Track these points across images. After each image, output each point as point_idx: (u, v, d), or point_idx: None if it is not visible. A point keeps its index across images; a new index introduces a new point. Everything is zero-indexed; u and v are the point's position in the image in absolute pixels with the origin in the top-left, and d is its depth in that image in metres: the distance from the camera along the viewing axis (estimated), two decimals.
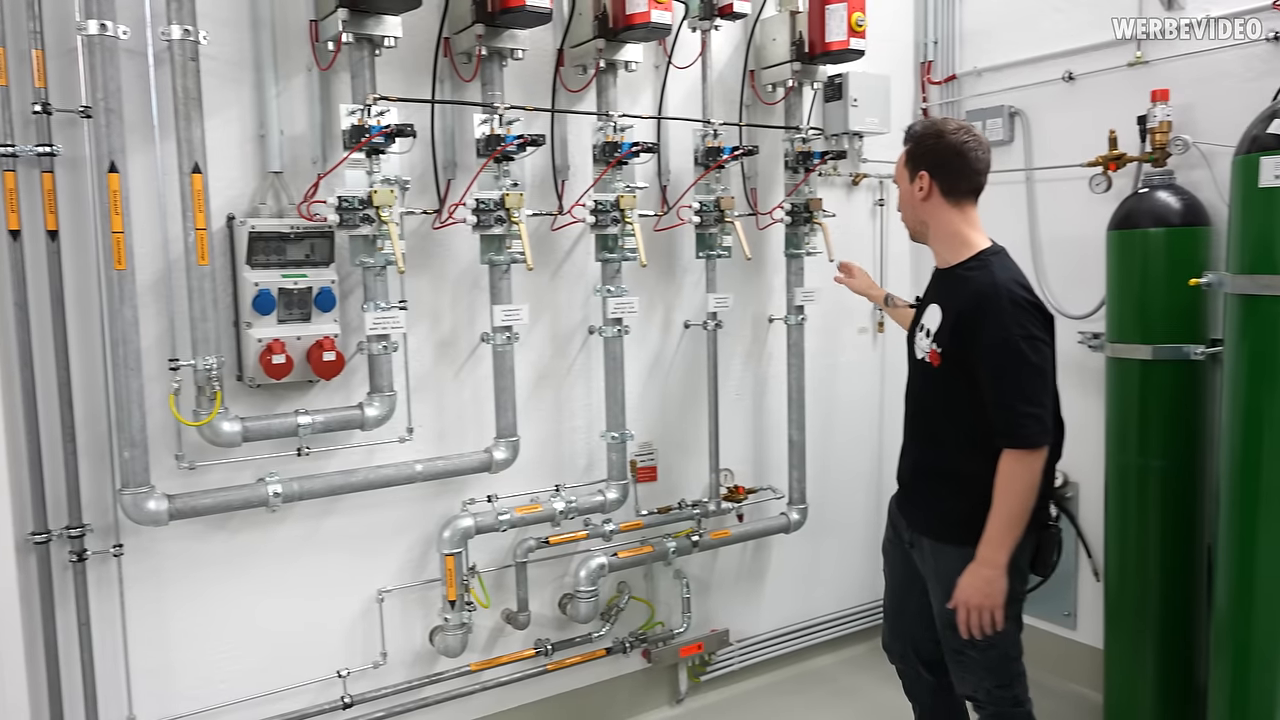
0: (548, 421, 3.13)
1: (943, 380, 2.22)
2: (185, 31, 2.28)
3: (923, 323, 2.31)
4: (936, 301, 2.27)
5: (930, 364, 2.23)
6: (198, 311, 2.37)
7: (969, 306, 2.14)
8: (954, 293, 2.22)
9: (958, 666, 2.33)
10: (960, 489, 2.22)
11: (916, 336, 2.34)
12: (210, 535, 2.58)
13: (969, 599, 2.13)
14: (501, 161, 2.73)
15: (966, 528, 2.19)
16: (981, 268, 2.19)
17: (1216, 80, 2.97)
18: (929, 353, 2.24)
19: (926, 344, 2.26)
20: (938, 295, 2.29)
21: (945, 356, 2.19)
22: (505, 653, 3.08)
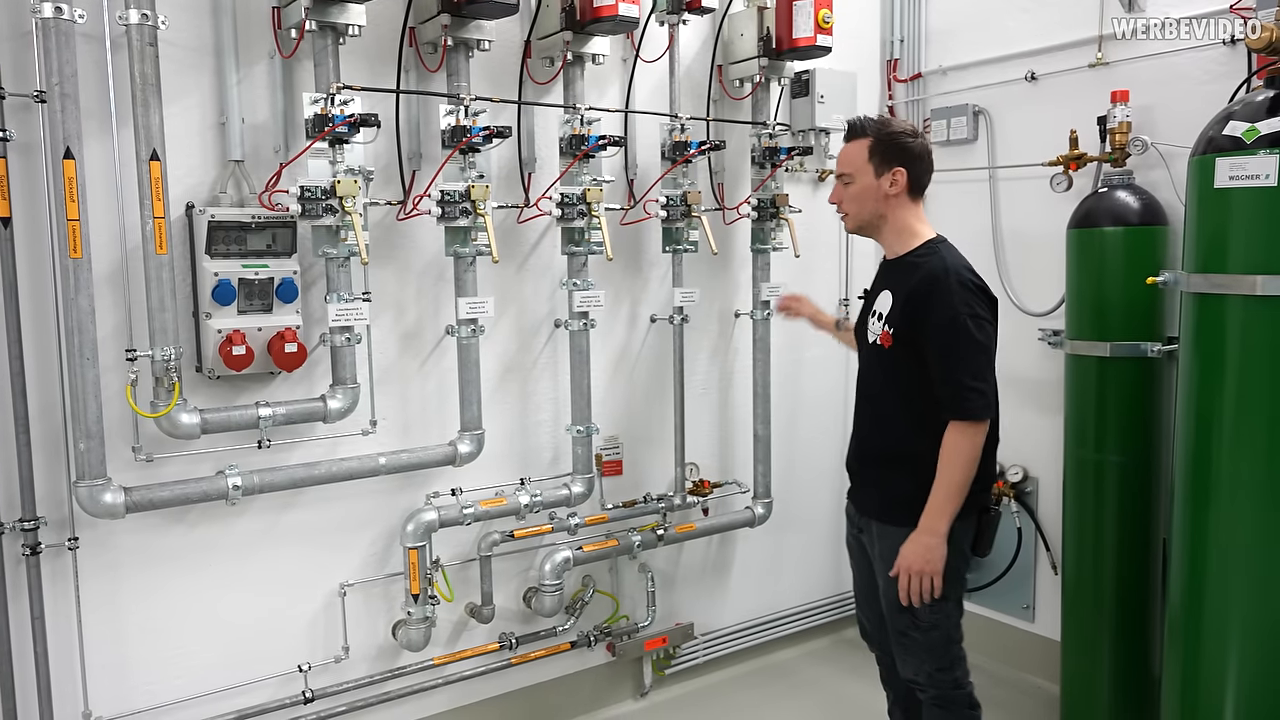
0: (513, 415, 3.12)
1: (892, 361, 2.30)
2: (144, 16, 2.24)
3: (875, 308, 2.37)
4: (887, 287, 2.34)
5: (881, 346, 2.31)
6: (156, 301, 2.33)
7: (920, 288, 2.25)
8: (905, 278, 2.30)
9: (901, 649, 2.38)
10: (908, 469, 2.28)
11: (869, 322, 2.40)
12: (168, 528, 2.55)
13: (910, 565, 2.22)
14: (467, 153, 2.72)
15: (911, 509, 2.25)
16: (932, 254, 2.30)
17: (1175, 82, 3.02)
18: (880, 334, 2.32)
19: (878, 327, 2.33)
20: (888, 282, 2.36)
21: (896, 337, 2.27)
22: (469, 647, 3.07)
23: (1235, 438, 2.34)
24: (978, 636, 3.73)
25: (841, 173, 2.40)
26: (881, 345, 2.32)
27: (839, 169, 2.42)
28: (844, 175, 2.39)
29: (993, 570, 3.67)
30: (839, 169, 2.42)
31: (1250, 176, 2.24)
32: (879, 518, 2.40)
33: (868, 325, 2.41)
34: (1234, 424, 2.34)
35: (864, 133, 2.35)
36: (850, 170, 2.38)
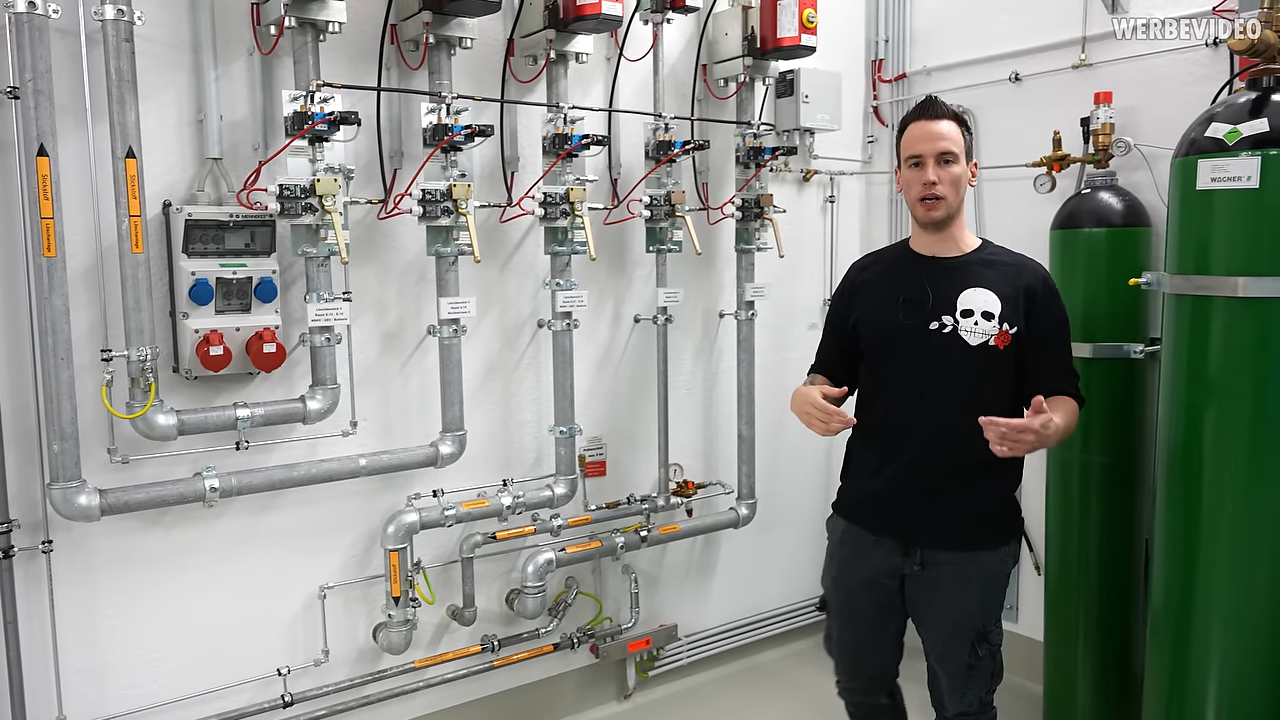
0: (495, 415, 3.10)
1: (1003, 363, 2.16)
2: (120, 11, 2.21)
3: (963, 308, 2.16)
4: (979, 285, 2.18)
5: (995, 348, 2.14)
6: (131, 301, 2.30)
7: (1038, 286, 2.21)
8: (1004, 276, 2.19)
9: (965, 680, 2.26)
10: (998, 476, 2.22)
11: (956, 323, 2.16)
12: (144, 531, 2.51)
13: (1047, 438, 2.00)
14: (449, 152, 2.69)
15: (1000, 525, 2.24)
16: (1011, 252, 2.28)
17: (1158, 84, 3.02)
18: (995, 335, 2.14)
19: (989, 327, 2.14)
20: (973, 279, 2.19)
21: (1015, 337, 2.16)
22: (450, 649, 3.04)
23: (1218, 439, 2.34)
24: None
25: (947, 151, 2.15)
26: (996, 347, 2.14)
27: (945, 146, 2.15)
28: (949, 154, 2.16)
29: None
30: (945, 146, 2.15)
31: (1232, 178, 2.24)
32: (961, 544, 2.20)
33: (954, 327, 2.16)
34: (1216, 425, 2.34)
35: (951, 115, 2.20)
36: (958, 150, 2.17)
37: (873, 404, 2.30)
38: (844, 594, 2.38)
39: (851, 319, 2.34)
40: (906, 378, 2.20)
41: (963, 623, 2.24)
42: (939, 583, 2.23)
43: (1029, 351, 2.19)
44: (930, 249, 2.27)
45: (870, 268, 2.40)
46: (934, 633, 2.30)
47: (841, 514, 2.39)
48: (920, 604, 2.28)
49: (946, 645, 2.27)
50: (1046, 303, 2.21)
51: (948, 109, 2.21)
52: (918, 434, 2.19)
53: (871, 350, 2.30)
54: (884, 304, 2.26)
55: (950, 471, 2.19)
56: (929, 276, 2.23)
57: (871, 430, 2.28)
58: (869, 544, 2.29)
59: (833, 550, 2.42)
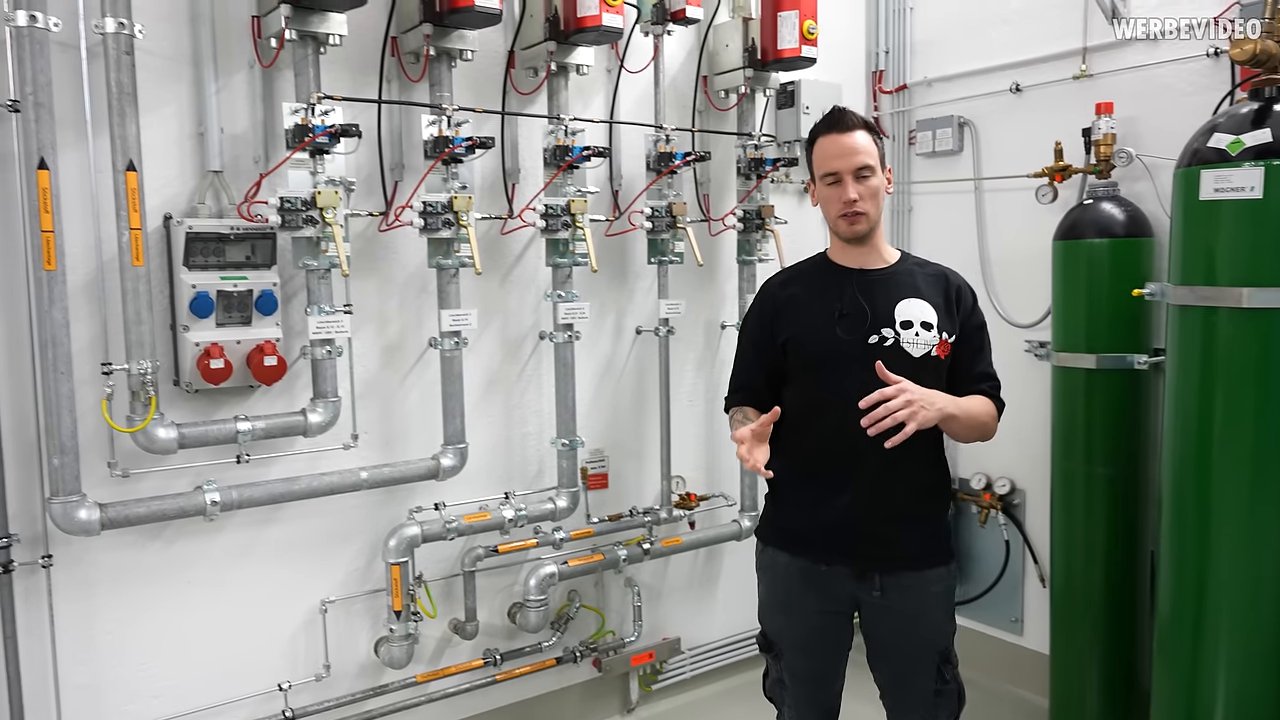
0: (497, 428, 3.09)
1: (940, 371, 2.11)
2: (120, 24, 2.21)
3: (902, 319, 2.09)
4: (911, 296, 2.11)
5: (937, 358, 2.09)
6: (132, 314, 2.29)
7: (964, 291, 2.18)
8: (930, 284, 2.15)
9: (934, 708, 2.19)
10: (945, 494, 2.21)
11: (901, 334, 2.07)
12: (145, 545, 2.50)
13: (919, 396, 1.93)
14: (450, 164, 2.70)
15: (946, 539, 2.19)
16: (930, 261, 2.24)
17: (1160, 94, 3.02)
18: (936, 345, 2.08)
19: (930, 337, 2.08)
20: (905, 290, 2.12)
21: (954, 345, 2.12)
22: (453, 663, 3.02)
23: (1223, 450, 2.33)
24: (967, 650, 3.70)
25: (864, 165, 2.06)
26: (938, 357, 2.09)
27: (861, 160, 2.06)
28: (866, 168, 2.06)
29: (981, 583, 3.65)
30: (861, 160, 2.06)
31: (1235, 189, 2.24)
32: (916, 563, 2.12)
33: (896, 340, 2.07)
34: (1221, 436, 2.33)
35: (862, 124, 2.10)
36: (873, 161, 2.08)
37: (808, 427, 2.12)
38: (803, 629, 2.21)
39: (780, 339, 2.17)
40: (852, 395, 1.97)
41: (926, 646, 2.16)
42: (900, 608, 2.12)
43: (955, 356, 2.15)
44: (855, 261, 2.16)
45: (791, 284, 2.24)
46: (896, 662, 2.19)
47: (780, 546, 2.22)
48: (880, 633, 2.17)
49: (910, 673, 2.18)
50: (971, 308, 2.19)
51: (858, 118, 2.10)
52: (871, 453, 1.99)
53: (808, 370, 2.14)
54: (817, 320, 2.12)
55: (906, 490, 2.10)
56: (861, 289, 2.12)
57: (811, 455, 2.13)
58: (820, 575, 2.14)
59: (775, 586, 2.25)
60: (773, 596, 2.28)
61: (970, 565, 3.72)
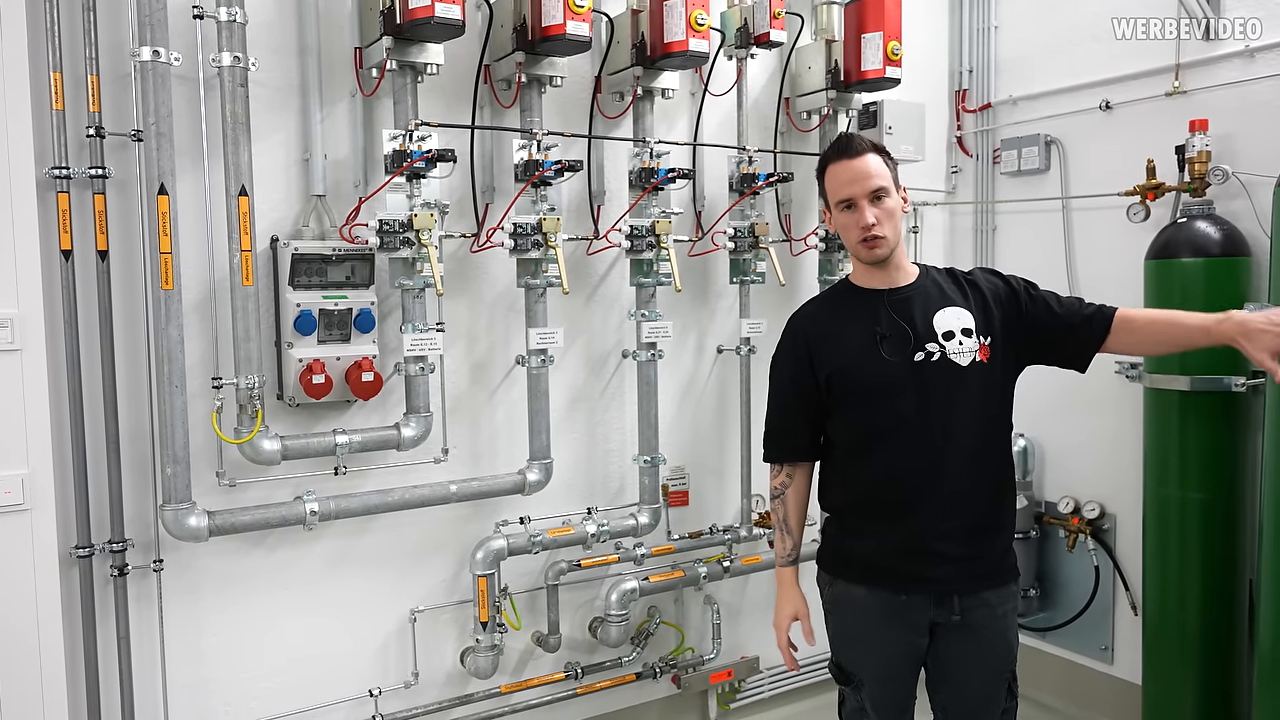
0: (581, 444, 3.15)
1: (996, 375, 2.08)
2: (235, 59, 2.34)
3: (942, 330, 2.06)
4: (943, 307, 2.09)
5: (981, 363, 2.05)
6: (241, 331, 2.41)
7: (986, 285, 2.14)
8: (957, 290, 2.13)
9: None
10: (1014, 505, 2.19)
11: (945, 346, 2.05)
12: (248, 552, 2.61)
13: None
14: (539, 186, 2.77)
15: (1013, 550, 2.18)
16: (947, 267, 2.22)
17: (1256, 110, 2.95)
18: (979, 350, 2.05)
19: (971, 344, 2.05)
20: (934, 304, 2.09)
21: (993, 346, 2.08)
22: (535, 675, 3.08)
23: None
24: (1055, 678, 3.64)
25: (879, 187, 2.05)
26: (982, 361, 2.05)
27: (874, 182, 2.05)
28: (881, 190, 2.05)
29: (1069, 610, 3.57)
30: (874, 182, 2.05)
31: None
32: (997, 579, 2.12)
33: (942, 353, 2.05)
34: None
35: (871, 147, 2.09)
36: (887, 183, 2.07)
37: (868, 455, 2.11)
38: (883, 662, 2.17)
39: (822, 375, 2.13)
40: (914, 417, 2.02)
41: (1001, 665, 2.14)
42: (980, 627, 2.10)
43: (1038, 318, 2.11)
44: (882, 282, 2.14)
45: (820, 315, 2.22)
46: (970, 684, 2.15)
47: (854, 579, 2.17)
48: (955, 655, 2.13)
49: (984, 694, 2.15)
50: (1007, 287, 2.14)
51: (866, 142, 2.09)
52: (941, 472, 2.03)
53: (859, 400, 2.10)
54: (860, 348, 2.09)
55: (978, 505, 2.08)
56: (895, 309, 2.09)
57: (876, 483, 2.10)
58: (899, 606, 2.10)
59: (853, 620, 2.19)
60: (850, 631, 2.22)
61: (1057, 591, 3.63)
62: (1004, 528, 2.16)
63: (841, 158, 2.09)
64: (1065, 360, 2.16)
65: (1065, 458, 3.61)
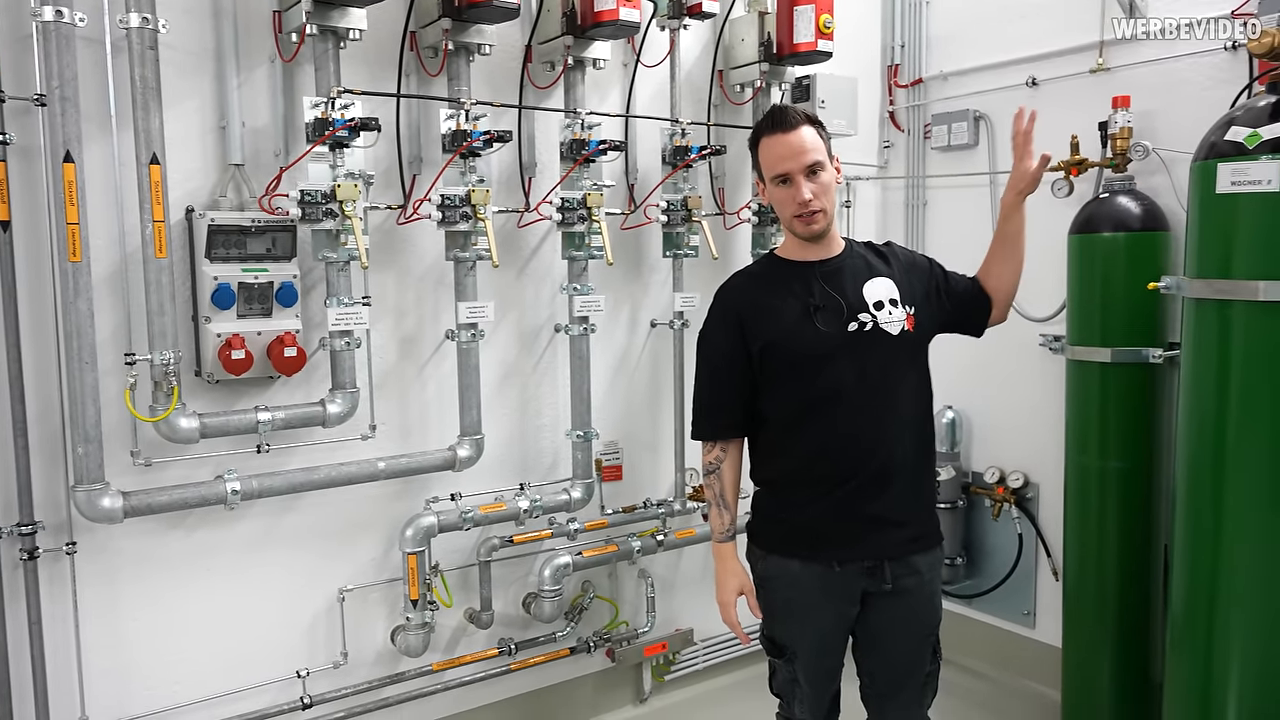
0: (513, 419, 3.12)
1: (920, 343, 2.15)
2: (144, 19, 2.24)
3: (875, 300, 2.09)
4: (871, 276, 2.12)
5: (909, 332, 2.10)
6: (155, 305, 2.32)
7: (904, 256, 2.23)
8: (881, 261, 2.18)
9: (924, 687, 2.24)
10: (934, 472, 2.26)
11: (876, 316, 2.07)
12: (167, 533, 2.54)
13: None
14: (467, 157, 2.72)
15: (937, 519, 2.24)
16: (865, 241, 2.28)
17: (1176, 88, 3.01)
18: (906, 320, 2.10)
19: (899, 313, 2.09)
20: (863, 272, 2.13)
21: (916, 314, 2.13)
22: (468, 652, 3.06)
23: (1238, 444, 2.33)
24: (980, 643, 3.74)
25: (815, 161, 2.03)
26: (909, 331, 2.09)
27: (810, 157, 2.03)
28: (817, 164, 2.04)
29: (993, 577, 3.66)
30: (810, 157, 2.03)
31: (1253, 182, 2.23)
32: (926, 542, 2.16)
33: (874, 322, 2.07)
34: (1236, 430, 2.33)
35: (805, 119, 2.07)
36: (822, 157, 2.05)
37: (804, 428, 2.10)
38: (816, 634, 2.18)
39: (755, 348, 2.11)
40: (849, 387, 2.05)
41: (926, 630, 2.19)
42: (908, 593, 2.13)
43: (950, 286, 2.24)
44: (812, 254, 2.14)
45: (751, 288, 2.19)
46: (896, 650, 2.19)
47: (788, 553, 2.15)
48: (883, 623, 2.16)
49: (909, 658, 2.19)
50: (919, 258, 2.26)
51: (801, 115, 2.07)
52: (877, 441, 2.06)
53: (795, 372, 2.09)
54: (794, 320, 2.09)
55: (911, 471, 2.12)
56: (826, 280, 2.11)
57: (811, 455, 2.10)
58: (832, 577, 2.11)
59: (786, 594, 2.18)
60: (784, 604, 2.20)
61: (982, 559, 3.72)
62: (930, 497, 2.23)
63: (776, 130, 2.07)
64: (968, 326, 2.30)
65: (992, 429, 3.69)
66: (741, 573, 2.25)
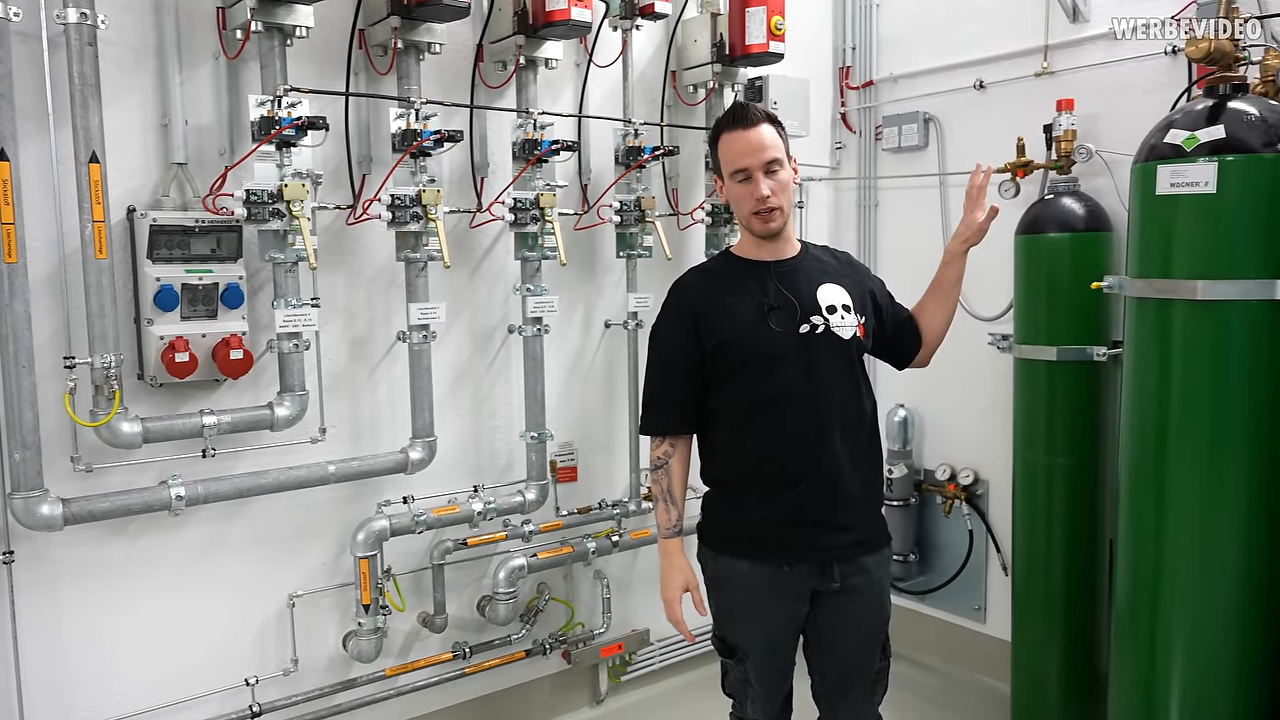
0: (466, 421, 3.09)
1: (862, 350, 2.17)
2: (83, 15, 2.18)
3: (829, 304, 2.11)
4: (825, 281, 2.15)
5: (859, 338, 2.13)
6: (95, 307, 2.27)
7: (859, 267, 2.31)
8: (837, 268, 2.22)
9: (873, 690, 2.26)
10: (882, 474, 2.28)
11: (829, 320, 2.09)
12: (109, 540, 2.48)
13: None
14: (418, 157, 2.69)
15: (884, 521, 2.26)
16: (823, 245, 2.33)
17: (1118, 91, 3.08)
18: (857, 326, 2.13)
19: (851, 319, 2.12)
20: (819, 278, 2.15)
21: (866, 324, 2.18)
22: (422, 656, 3.03)
23: (1178, 440, 2.38)
24: (932, 639, 3.78)
25: (773, 159, 2.05)
26: (860, 337, 2.13)
27: (769, 154, 2.05)
28: (775, 161, 2.05)
29: (945, 573, 3.71)
30: (769, 154, 2.05)
31: (1190, 184, 2.28)
32: (875, 544, 2.18)
33: (826, 325, 2.09)
34: (1177, 426, 2.38)
35: (765, 117, 2.09)
36: (781, 155, 2.07)
37: (752, 428, 2.10)
38: (767, 634, 2.19)
39: (708, 346, 2.11)
40: (799, 388, 2.06)
41: (876, 628, 2.21)
42: (857, 592, 2.14)
43: (893, 312, 2.31)
44: (768, 254, 2.16)
45: (706, 285, 2.19)
46: (847, 648, 2.21)
47: (737, 554, 2.14)
48: (833, 622, 2.17)
49: (859, 656, 2.21)
50: (871, 280, 2.31)
51: (761, 112, 2.09)
52: (825, 442, 2.07)
53: (746, 370, 2.09)
54: (747, 319, 2.09)
55: (858, 475, 2.13)
56: (781, 280, 2.12)
57: (760, 455, 2.10)
58: (782, 577, 2.11)
59: (736, 595, 2.18)
60: (734, 605, 2.20)
61: (934, 555, 3.77)
62: (878, 497, 2.26)
63: (736, 127, 2.08)
64: (895, 357, 2.36)
65: (943, 427, 3.74)
66: (688, 569, 2.25)
